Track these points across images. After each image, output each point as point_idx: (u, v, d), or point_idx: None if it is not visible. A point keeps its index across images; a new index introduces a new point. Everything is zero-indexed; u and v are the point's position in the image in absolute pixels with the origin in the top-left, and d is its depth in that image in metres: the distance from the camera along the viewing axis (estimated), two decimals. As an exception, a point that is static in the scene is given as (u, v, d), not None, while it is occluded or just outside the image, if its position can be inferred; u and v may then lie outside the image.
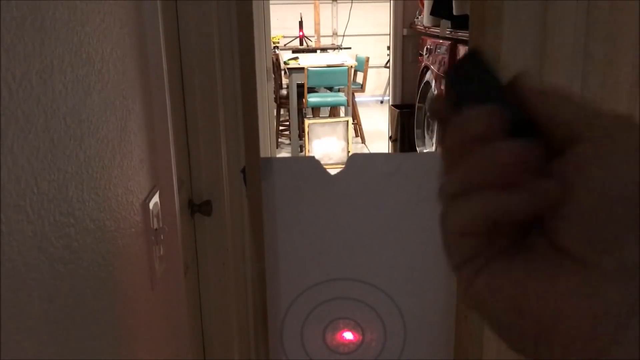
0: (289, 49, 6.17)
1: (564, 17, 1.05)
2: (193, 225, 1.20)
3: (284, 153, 4.98)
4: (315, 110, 5.04)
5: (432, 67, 3.25)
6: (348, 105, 4.89)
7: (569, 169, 0.23)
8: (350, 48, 6.36)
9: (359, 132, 5.36)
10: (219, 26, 1.11)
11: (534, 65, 1.09)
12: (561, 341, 0.23)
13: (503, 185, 0.24)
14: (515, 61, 1.08)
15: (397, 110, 4.03)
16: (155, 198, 0.87)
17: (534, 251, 0.24)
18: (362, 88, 5.63)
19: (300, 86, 4.72)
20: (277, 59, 5.08)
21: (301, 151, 4.73)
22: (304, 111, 4.91)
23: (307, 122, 4.58)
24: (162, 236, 0.89)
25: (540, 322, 0.23)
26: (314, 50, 6.18)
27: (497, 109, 0.25)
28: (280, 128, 5.21)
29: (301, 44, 6.41)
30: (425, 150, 3.58)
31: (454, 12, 2.76)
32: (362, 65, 5.57)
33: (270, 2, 2.67)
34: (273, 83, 4.28)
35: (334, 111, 5.21)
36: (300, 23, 6.35)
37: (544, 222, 0.24)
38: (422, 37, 3.63)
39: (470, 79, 0.27)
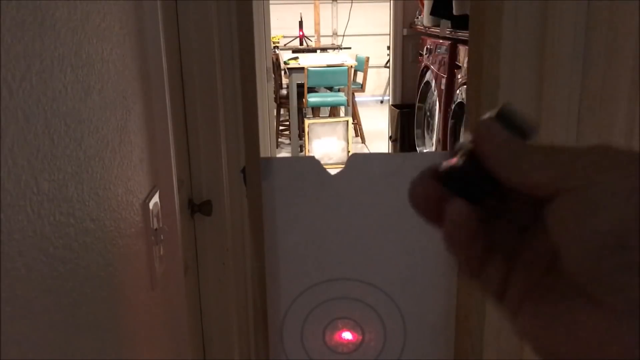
0: (289, 49, 6.17)
1: (564, 17, 1.05)
2: (193, 225, 1.20)
3: (284, 153, 4.98)
4: (315, 110, 5.04)
5: (432, 67, 3.26)
6: (348, 105, 4.89)
7: (551, 224, 0.24)
8: (350, 48, 6.36)
9: (359, 132, 5.36)
10: (219, 26, 1.11)
11: (533, 65, 1.09)
12: None
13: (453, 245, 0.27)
14: (515, 61, 1.08)
15: (397, 110, 4.03)
16: (155, 198, 0.87)
17: (556, 293, 0.25)
18: (362, 88, 5.63)
19: (300, 86, 4.72)
20: (277, 59, 5.08)
21: (301, 151, 4.73)
22: (304, 111, 4.91)
23: (307, 122, 4.58)
24: (162, 236, 0.89)
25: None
26: (314, 50, 6.18)
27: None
28: (280, 128, 5.21)
29: (301, 44, 6.41)
30: (425, 150, 3.59)
31: (454, 12, 2.76)
32: (362, 65, 5.58)
33: (270, 2, 2.67)
34: (273, 83, 4.28)
35: (334, 111, 5.22)
36: (300, 23, 6.35)
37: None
38: (422, 37, 3.63)
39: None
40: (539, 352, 0.25)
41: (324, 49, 6.30)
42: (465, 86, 2.43)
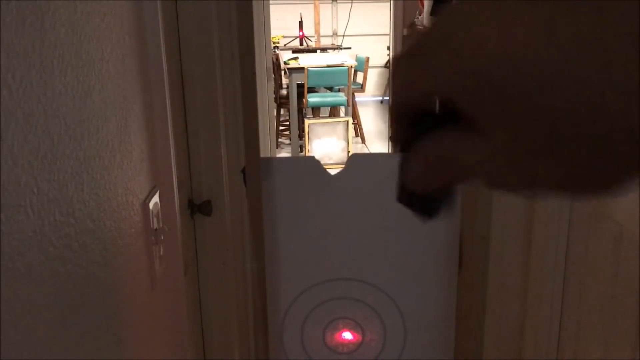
0: (289, 49, 6.16)
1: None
2: (193, 225, 1.20)
3: (284, 153, 4.98)
4: (315, 110, 5.04)
5: (432, 67, 3.25)
6: (348, 105, 4.89)
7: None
8: (350, 48, 6.35)
9: (359, 132, 5.36)
10: (219, 26, 1.11)
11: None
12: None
13: None
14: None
15: (397, 110, 4.02)
16: (155, 198, 0.87)
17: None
18: (362, 88, 5.63)
19: (300, 86, 4.71)
20: (277, 59, 5.08)
21: (301, 151, 4.73)
22: (304, 111, 4.91)
23: (307, 122, 4.58)
24: (162, 236, 0.89)
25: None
26: (314, 50, 6.18)
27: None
28: (280, 128, 5.21)
29: (301, 44, 6.41)
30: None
31: (454, 12, 2.76)
32: (362, 65, 5.57)
33: (270, 2, 2.67)
34: (273, 83, 4.28)
35: (334, 111, 5.21)
36: (300, 23, 6.34)
37: None
38: (422, 37, 3.63)
39: None
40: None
41: (324, 49, 6.29)
42: (465, 86, 2.42)
